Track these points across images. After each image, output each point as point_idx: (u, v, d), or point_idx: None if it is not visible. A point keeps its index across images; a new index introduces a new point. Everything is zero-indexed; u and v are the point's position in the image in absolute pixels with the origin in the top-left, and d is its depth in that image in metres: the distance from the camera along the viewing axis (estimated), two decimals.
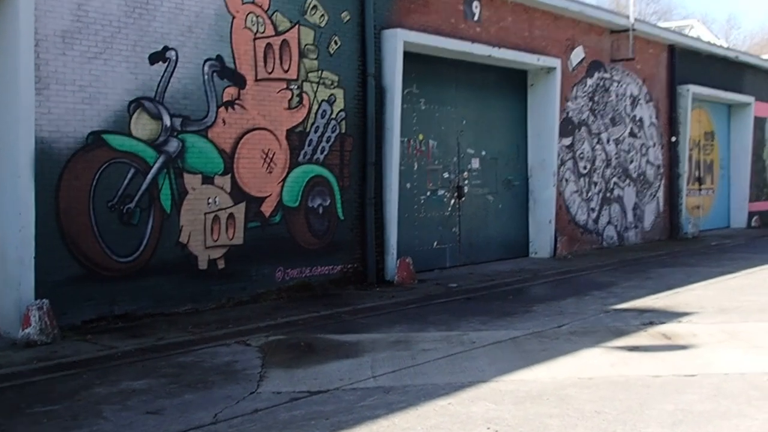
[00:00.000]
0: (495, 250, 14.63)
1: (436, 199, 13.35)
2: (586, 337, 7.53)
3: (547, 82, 15.14)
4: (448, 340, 7.48)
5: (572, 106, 16.02)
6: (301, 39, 10.65)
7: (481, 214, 14.31)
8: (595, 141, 16.73)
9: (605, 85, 17.08)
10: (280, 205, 10.42)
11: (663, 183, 19.33)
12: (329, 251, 11.06)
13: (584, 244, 16.37)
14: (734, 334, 7.59)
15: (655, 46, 18.93)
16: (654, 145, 18.97)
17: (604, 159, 17.06)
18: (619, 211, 17.57)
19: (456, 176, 13.77)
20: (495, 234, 14.63)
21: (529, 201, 15.41)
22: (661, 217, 19.23)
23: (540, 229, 15.30)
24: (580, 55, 16.27)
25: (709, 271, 12.57)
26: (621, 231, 17.65)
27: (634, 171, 18.17)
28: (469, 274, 12.77)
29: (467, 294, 10.65)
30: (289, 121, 10.52)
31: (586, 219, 16.46)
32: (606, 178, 17.12)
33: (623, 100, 17.72)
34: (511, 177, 15.04)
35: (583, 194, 16.41)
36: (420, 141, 13.02)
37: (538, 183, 15.33)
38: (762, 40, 59.80)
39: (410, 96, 12.82)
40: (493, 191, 14.60)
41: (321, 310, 9.36)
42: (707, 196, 22.26)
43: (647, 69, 18.63)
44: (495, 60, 13.86)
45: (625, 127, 17.83)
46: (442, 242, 13.45)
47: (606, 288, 10.88)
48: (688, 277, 11.87)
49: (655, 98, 18.98)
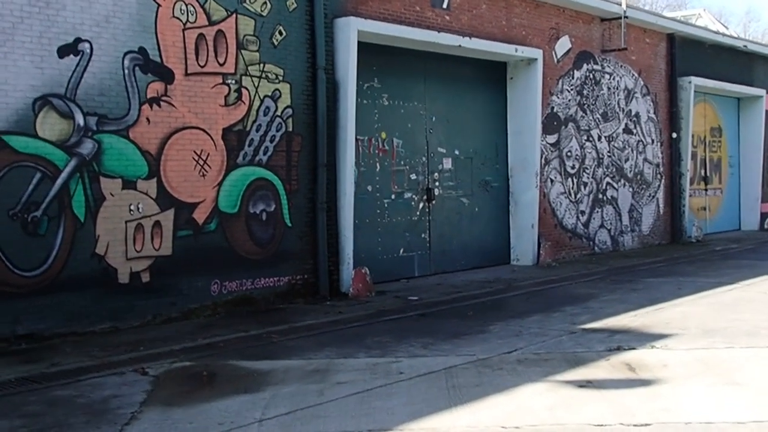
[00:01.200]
0: (471, 258, 14.00)
1: (402, 203, 12.75)
2: (535, 367, 6.84)
3: (528, 74, 14.51)
4: (374, 369, 6.85)
5: (558, 101, 15.38)
6: (240, 29, 10.08)
7: (454, 218, 13.69)
8: (584, 138, 16.07)
9: (596, 78, 16.42)
10: (216, 212, 9.84)
11: (663, 183, 18.63)
12: (275, 261, 10.48)
13: (573, 249, 15.71)
14: (712, 364, 6.81)
15: (652, 35, 18.25)
16: (652, 142, 18.28)
17: (595, 157, 16.39)
18: (613, 213, 16.90)
19: (425, 178, 13.16)
20: (471, 240, 14.01)
21: (510, 204, 14.77)
22: (661, 219, 18.53)
23: (521, 234, 14.66)
24: (566, 46, 15.63)
25: (704, 281, 11.88)
26: (615, 235, 16.97)
27: (630, 170, 17.49)
28: (437, 285, 12.16)
29: (425, 309, 10.04)
30: (225, 119, 9.95)
31: (574, 223, 15.80)
32: (597, 178, 16.46)
33: (616, 94, 17.05)
34: (489, 178, 14.41)
35: (571, 196, 15.75)
36: (383, 140, 12.43)
37: (519, 184, 14.70)
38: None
39: (371, 91, 12.23)
40: (468, 193, 13.98)
41: (253, 328, 8.77)
42: (715, 197, 21.53)
43: (643, 60, 17.96)
44: (467, 51, 13.24)
45: (619, 122, 17.16)
46: (409, 250, 12.85)
47: (582, 302, 10.23)
48: (678, 289, 11.19)
49: (652, 92, 18.29)
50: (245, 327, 8.87)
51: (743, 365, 6.84)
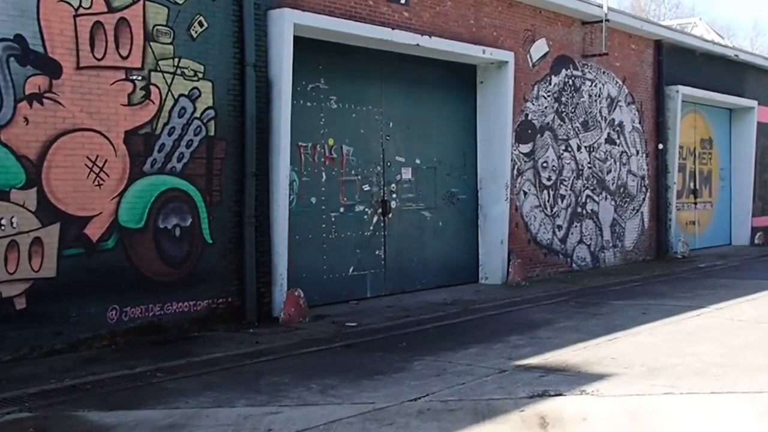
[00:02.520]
0: (435, 276, 12.11)
1: (352, 216, 10.90)
2: (433, 421, 5.03)
3: (499, 78, 12.62)
4: (241, 425, 5.02)
5: (533, 108, 13.48)
6: (149, 18, 8.27)
7: (414, 233, 11.81)
8: (562, 148, 14.15)
9: (575, 84, 14.51)
10: (116, 227, 8.02)
11: (648, 196, 16.66)
12: (191, 283, 8.64)
13: (548, 267, 13.79)
14: (640, 417, 5.03)
15: (638, 41, 16.31)
16: (637, 153, 16.32)
17: (574, 169, 14.47)
18: (593, 228, 14.95)
19: (380, 189, 11.29)
20: (434, 257, 12.12)
21: (479, 218, 12.87)
22: (646, 234, 16.55)
23: (490, 250, 12.75)
24: (543, 49, 13.73)
25: (673, 305, 9.93)
26: (596, 251, 15.02)
27: (612, 182, 15.54)
28: (388, 307, 10.28)
29: (356, 338, 8.16)
30: (129, 120, 8.13)
31: (550, 238, 13.87)
32: (576, 190, 14.52)
33: (598, 102, 15.13)
34: (455, 190, 12.51)
35: (547, 209, 13.83)
36: (330, 147, 10.58)
37: (488, 196, 12.79)
38: None
39: (317, 92, 10.40)
40: (431, 206, 12.10)
41: (144, 363, 6.95)
42: (704, 211, 19.51)
43: (628, 67, 16.02)
44: (427, 51, 11.39)
45: (601, 132, 15.22)
46: (360, 268, 10.98)
47: (533, 330, 8.33)
48: (643, 314, 9.26)
49: (638, 100, 16.34)
50: (135, 362, 7.05)
51: (677, 419, 5.10)
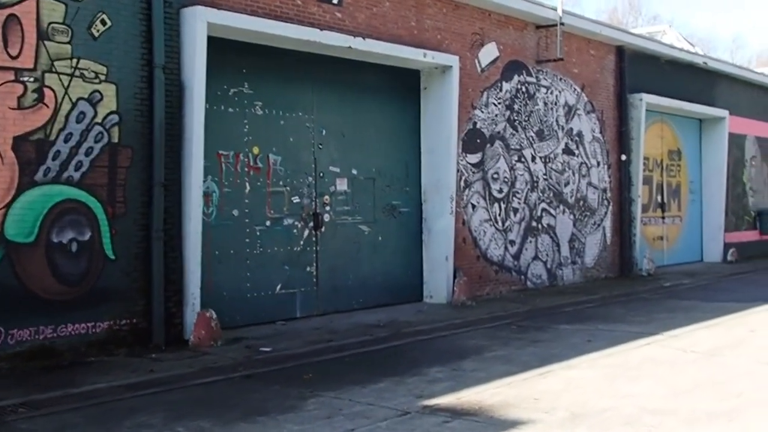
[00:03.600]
0: (374, 295, 11.80)
1: (280, 231, 10.57)
2: None
3: (443, 84, 12.40)
4: None
5: (482, 115, 13.27)
6: (43, 15, 7.93)
7: (350, 249, 11.51)
8: (515, 158, 13.94)
9: (529, 91, 14.33)
10: (2, 241, 7.64)
11: (610, 210, 16.49)
12: (89, 303, 8.25)
13: (500, 285, 13.53)
14: None
15: (597, 46, 16.20)
16: (598, 164, 16.16)
17: (528, 180, 14.25)
18: (549, 243, 14.73)
19: (312, 201, 10.98)
20: (373, 274, 11.81)
21: (423, 232, 12.61)
22: (609, 250, 16.37)
23: (435, 267, 12.47)
24: (493, 54, 13.55)
25: (624, 331, 9.62)
26: (552, 268, 14.79)
27: (571, 195, 15.35)
28: (315, 329, 9.95)
29: (263, 367, 7.79)
30: (18, 125, 7.77)
31: (502, 254, 13.62)
32: (531, 203, 14.31)
33: (554, 110, 14.96)
34: (396, 202, 12.23)
35: (498, 223, 13.59)
36: (255, 155, 10.26)
37: (433, 210, 12.53)
38: None
39: (240, 97, 10.09)
40: (369, 220, 11.80)
41: (11, 395, 6.51)
42: (673, 225, 19.40)
43: (588, 74, 15.89)
44: (362, 54, 11.14)
45: (558, 142, 15.04)
46: (289, 286, 10.64)
47: (460, 360, 7.99)
48: (587, 341, 8.97)
49: (598, 109, 16.21)
50: (5, 392, 6.65)
51: None
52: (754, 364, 7.73)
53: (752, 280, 15.78)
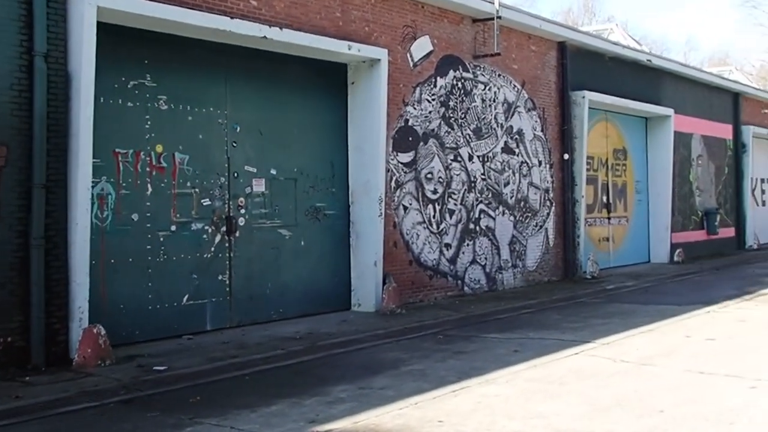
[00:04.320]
0: (296, 304, 10.99)
1: (188, 236, 9.70)
2: None
3: (371, 79, 11.64)
4: None
5: (415, 112, 12.55)
6: None
7: (268, 255, 10.68)
8: (450, 157, 13.25)
9: (466, 88, 13.65)
10: None
11: (553, 211, 15.91)
12: None
13: (435, 291, 12.82)
14: None
15: (539, 42, 15.61)
16: (540, 163, 15.57)
17: (465, 180, 13.58)
18: (488, 246, 14.07)
19: (224, 204, 10.14)
20: (295, 282, 11.00)
21: (351, 236, 11.85)
22: (551, 253, 15.78)
23: (364, 273, 11.71)
24: (427, 48, 12.84)
25: (555, 339, 8.93)
26: (492, 272, 14.13)
27: (511, 196, 14.72)
28: (223, 343, 9.11)
29: (149, 389, 6.93)
30: None
31: (437, 258, 12.92)
32: (468, 204, 13.63)
33: (493, 107, 14.31)
34: (321, 204, 11.45)
35: (433, 226, 12.88)
36: (158, 154, 9.37)
37: (361, 212, 11.78)
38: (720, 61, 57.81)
39: (141, 90, 9.20)
40: (290, 224, 11.00)
41: None
42: (619, 226, 18.92)
43: (528, 70, 15.29)
44: (280, 45, 10.32)
45: (497, 140, 14.40)
46: (198, 296, 9.77)
47: (372, 376, 7.22)
48: (514, 352, 8.26)
49: (540, 106, 15.62)
50: None
51: None
52: (683, 373, 7.12)
53: (696, 282, 15.32)
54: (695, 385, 6.66)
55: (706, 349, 8.27)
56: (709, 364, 7.43)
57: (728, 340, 8.79)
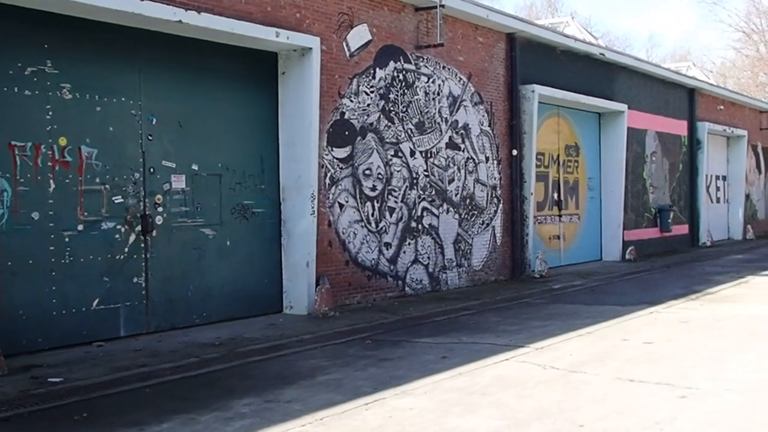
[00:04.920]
0: (221, 307, 10.39)
1: (97, 236, 9.04)
2: None
3: (303, 69, 11.07)
4: None
5: (351, 105, 12.01)
6: None
7: (189, 256, 10.06)
8: (390, 153, 12.74)
9: (407, 80, 13.14)
10: None
11: (501, 208, 15.49)
12: None
13: (373, 292, 12.30)
14: None
15: (486, 33, 15.16)
16: (487, 160, 15.13)
17: (407, 177, 13.08)
18: (431, 245, 13.59)
19: (139, 201, 9.50)
20: (220, 284, 10.40)
21: (282, 236, 11.28)
22: (499, 252, 15.36)
23: (296, 274, 11.15)
24: (365, 37, 12.31)
25: (489, 344, 8.39)
26: (435, 272, 13.65)
27: (456, 193, 14.26)
28: (135, 351, 8.47)
29: (33, 405, 6.26)
30: None
31: (376, 258, 12.40)
32: (410, 202, 13.13)
33: (437, 101, 13.83)
34: (249, 202, 10.85)
35: (372, 224, 12.36)
36: (62, 147, 8.69)
37: (292, 210, 11.21)
38: (681, 58, 58.20)
39: (40, 78, 8.50)
40: (214, 222, 10.39)
41: None
42: (571, 224, 18.59)
43: (475, 62, 14.83)
44: (199, 31, 9.68)
45: (441, 135, 13.92)
46: (110, 300, 9.12)
47: (284, 387, 6.65)
48: (442, 358, 7.75)
49: (487, 100, 15.17)
50: None
51: None
52: (613, 381, 6.67)
53: (645, 280, 15.01)
54: (623, 395, 6.22)
55: (642, 353, 7.86)
56: (642, 371, 7.00)
57: (666, 343, 8.39)
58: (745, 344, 8.36)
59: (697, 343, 8.39)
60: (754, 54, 55.04)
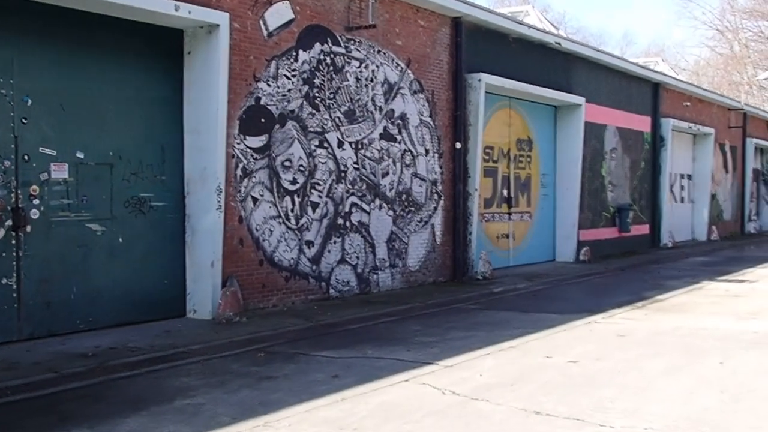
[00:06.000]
0: (114, 311, 9.43)
1: None
2: None
3: (209, 48, 10.13)
4: None
5: (269, 90, 11.07)
6: None
7: (73, 254, 9.09)
8: (314, 143, 11.83)
9: (336, 64, 12.23)
10: None
11: (442, 205, 14.64)
12: None
13: (292, 294, 11.40)
14: None
15: (429, 16, 14.28)
16: (426, 152, 14.27)
17: (333, 170, 12.18)
18: (361, 244, 12.71)
19: (10, 192, 8.49)
20: (110, 285, 9.44)
21: (186, 232, 10.35)
22: (438, 251, 14.52)
23: (200, 275, 10.22)
24: (286, 16, 11.37)
25: (393, 360, 7.53)
26: (365, 273, 12.78)
27: (391, 188, 13.38)
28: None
29: None
30: None
31: (295, 258, 11.50)
32: (337, 197, 12.24)
33: (370, 88, 12.93)
34: (147, 195, 9.89)
35: (291, 221, 11.45)
36: None
37: (197, 204, 10.27)
38: (655, 56, 57.77)
39: None
40: (104, 217, 9.42)
41: None
42: (521, 222, 17.81)
43: (415, 47, 13.95)
44: (84, 3, 8.73)
45: (374, 125, 13.03)
46: None
47: (124, 416, 5.77)
48: (330, 379, 6.88)
49: (428, 89, 14.30)
50: None
51: None
52: (516, 413, 5.82)
53: (594, 284, 14.29)
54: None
55: (561, 376, 7.03)
56: (554, 400, 6.15)
57: (593, 363, 7.58)
58: (681, 364, 7.58)
59: (628, 364, 7.59)
60: (727, 52, 54.79)
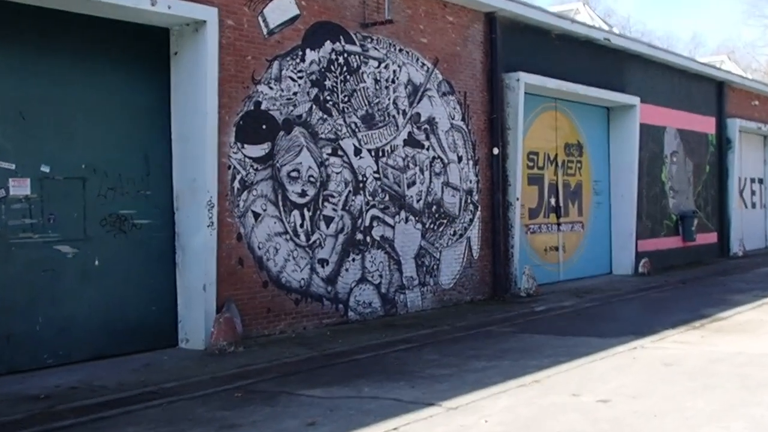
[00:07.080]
0: (90, 343, 8.18)
1: None
2: None
3: (197, 47, 8.89)
4: None
5: (271, 93, 9.76)
6: None
7: (39, 280, 7.88)
8: (327, 151, 10.45)
9: (350, 64, 10.85)
10: None
11: (479, 216, 13.05)
12: None
13: (304, 318, 10.01)
14: None
15: (458, 12, 12.78)
16: (459, 159, 12.72)
17: (350, 180, 10.77)
18: (384, 261, 11.23)
19: None
20: (85, 314, 8.20)
21: (177, 252, 9.09)
22: (476, 267, 12.90)
23: (191, 300, 8.92)
24: (289, 11, 10.06)
25: (389, 401, 6.04)
26: (390, 293, 11.29)
27: (418, 199, 11.90)
28: None
29: None
30: None
31: (306, 278, 10.10)
32: (354, 210, 10.82)
33: (391, 90, 11.48)
34: (128, 211, 8.65)
35: (300, 237, 10.08)
36: None
37: (188, 221, 8.99)
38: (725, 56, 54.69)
39: None
40: (75, 238, 8.20)
41: None
42: (572, 233, 16.03)
43: (443, 45, 12.47)
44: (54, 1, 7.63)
45: (397, 130, 11.57)
46: None
47: None
48: (303, 427, 5.53)
49: (459, 90, 12.77)
50: None
51: None
52: None
53: (649, 300, 12.42)
54: None
55: (583, 421, 5.39)
56: None
57: (626, 402, 5.90)
58: (735, 404, 5.84)
59: (669, 403, 5.88)
60: None
